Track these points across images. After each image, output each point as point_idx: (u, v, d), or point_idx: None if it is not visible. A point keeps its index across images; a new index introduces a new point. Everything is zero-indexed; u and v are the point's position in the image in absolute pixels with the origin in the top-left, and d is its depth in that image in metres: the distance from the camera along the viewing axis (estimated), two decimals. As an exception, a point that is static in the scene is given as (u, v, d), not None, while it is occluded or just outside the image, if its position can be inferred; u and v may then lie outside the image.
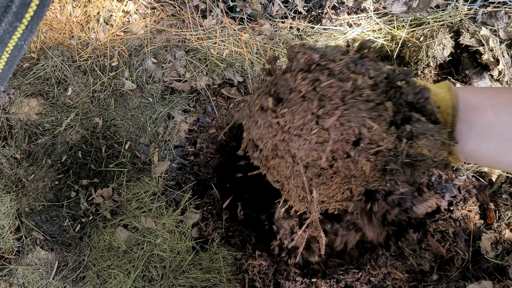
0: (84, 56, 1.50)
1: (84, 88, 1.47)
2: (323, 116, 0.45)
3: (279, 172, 0.53)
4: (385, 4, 1.49)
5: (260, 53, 1.50)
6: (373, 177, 0.49)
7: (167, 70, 1.48)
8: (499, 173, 1.30)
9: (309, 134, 0.46)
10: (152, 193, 1.35)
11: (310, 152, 0.47)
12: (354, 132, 0.45)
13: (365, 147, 0.46)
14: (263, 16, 1.55)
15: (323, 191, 0.51)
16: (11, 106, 1.46)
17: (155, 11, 1.57)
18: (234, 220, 1.43)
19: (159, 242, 1.29)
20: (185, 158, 1.43)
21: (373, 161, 0.47)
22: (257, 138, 0.51)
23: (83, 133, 1.42)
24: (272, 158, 0.51)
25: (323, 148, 0.46)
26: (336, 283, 1.19)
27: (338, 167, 0.48)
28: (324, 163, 0.47)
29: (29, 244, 1.33)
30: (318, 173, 0.49)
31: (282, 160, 0.50)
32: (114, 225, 1.32)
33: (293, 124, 0.46)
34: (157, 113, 1.43)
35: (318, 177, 0.49)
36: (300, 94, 0.46)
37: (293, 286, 1.19)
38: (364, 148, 0.46)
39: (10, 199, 1.37)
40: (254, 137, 0.52)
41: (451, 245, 1.18)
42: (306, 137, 0.46)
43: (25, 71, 1.49)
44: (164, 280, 1.24)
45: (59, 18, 1.54)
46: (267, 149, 0.51)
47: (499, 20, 1.41)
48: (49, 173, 1.38)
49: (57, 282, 1.28)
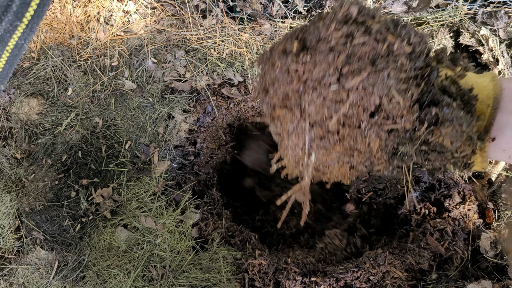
0: (84, 56, 1.50)
1: (84, 88, 1.47)
2: (346, 74, 0.41)
3: (282, 125, 0.49)
4: (385, 4, 1.49)
5: (260, 53, 1.50)
6: (380, 158, 0.45)
7: (167, 70, 1.48)
8: (499, 173, 1.30)
9: (326, 89, 0.42)
10: (152, 193, 1.35)
11: (322, 109, 0.43)
12: (375, 100, 0.41)
13: (380, 121, 0.42)
14: (263, 16, 1.55)
15: (321, 157, 0.47)
16: (11, 106, 1.46)
17: (155, 11, 1.57)
18: (234, 220, 1.43)
19: (159, 242, 1.29)
20: (185, 158, 1.44)
21: (384, 140, 0.43)
22: (271, 82, 0.48)
23: (83, 133, 1.42)
24: (280, 107, 0.48)
25: (337, 109, 0.42)
26: (335, 282, 1.19)
27: (344, 135, 0.44)
28: (332, 125, 0.43)
29: (29, 244, 1.33)
30: (322, 135, 0.45)
31: (289, 112, 0.47)
32: (114, 225, 1.32)
33: (312, 75, 0.42)
34: (157, 113, 1.43)
35: (321, 140, 0.45)
36: (328, 45, 0.42)
37: (293, 285, 1.19)
38: (378, 122, 0.42)
39: (10, 199, 1.37)
40: (268, 81, 0.49)
41: (450, 244, 1.18)
42: (322, 92, 0.42)
43: (25, 71, 1.50)
44: (164, 280, 1.24)
45: (59, 18, 1.54)
46: (277, 97, 0.47)
47: (499, 20, 1.41)
48: (49, 173, 1.38)
49: (57, 282, 1.29)
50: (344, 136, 0.44)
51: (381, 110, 0.42)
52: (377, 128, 0.42)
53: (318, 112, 0.43)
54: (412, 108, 0.41)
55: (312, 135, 0.45)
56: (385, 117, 0.42)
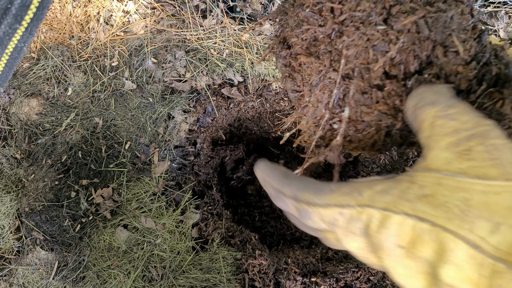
0: (84, 56, 1.50)
1: (84, 88, 1.47)
2: (397, 14, 0.35)
3: (304, 78, 0.42)
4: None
5: (260, 53, 1.50)
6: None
7: (167, 70, 1.48)
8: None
9: (371, 28, 0.36)
10: (152, 193, 1.35)
11: (365, 52, 0.37)
12: (428, 47, 0.35)
13: (430, 79, 0.36)
14: (263, 16, 1.55)
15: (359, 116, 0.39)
16: (11, 106, 1.46)
17: (155, 11, 1.57)
18: (234, 220, 1.43)
19: (159, 242, 1.29)
20: (185, 158, 1.44)
21: None
22: (295, 26, 0.41)
23: (83, 133, 1.42)
24: (305, 56, 0.41)
25: (384, 50, 0.36)
26: (335, 282, 1.19)
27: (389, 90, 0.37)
28: (378, 69, 0.36)
29: (29, 244, 1.33)
30: (364, 89, 0.37)
31: (316, 61, 0.40)
32: (114, 225, 1.32)
33: (353, 13, 0.36)
34: (157, 113, 1.43)
35: (362, 94, 0.38)
36: None
37: (293, 285, 1.19)
38: (428, 80, 0.36)
39: (10, 199, 1.37)
40: (291, 27, 0.42)
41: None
42: (367, 32, 0.36)
43: (25, 71, 1.50)
44: (164, 280, 1.24)
45: (59, 18, 1.54)
46: (301, 44, 0.41)
47: (499, 20, 1.41)
48: (49, 173, 1.38)
49: (57, 282, 1.29)
50: (389, 92, 0.38)
51: (433, 64, 0.36)
52: None
53: (359, 55, 0.37)
54: (469, 64, 0.36)
55: (351, 88, 0.38)
56: (435, 75, 0.36)
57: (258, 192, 1.63)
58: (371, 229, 0.26)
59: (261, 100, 1.48)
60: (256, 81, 1.47)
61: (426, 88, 0.33)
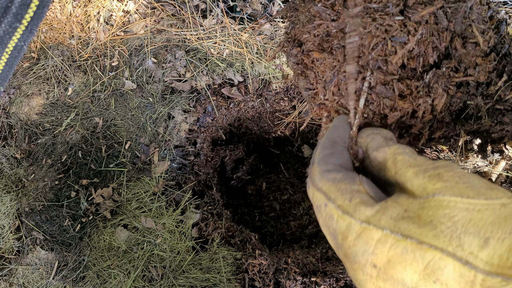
0: (84, 56, 1.50)
1: (84, 88, 1.47)
2: (414, 6, 0.34)
3: (317, 74, 0.41)
4: (385, 4, 1.49)
5: (260, 53, 1.50)
6: (440, 122, 0.38)
7: (167, 70, 1.48)
8: (499, 173, 1.30)
9: (389, 19, 0.34)
10: (152, 193, 1.35)
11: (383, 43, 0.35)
12: (446, 39, 0.34)
13: (448, 72, 0.35)
14: (263, 16, 1.55)
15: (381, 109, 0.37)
16: (11, 106, 1.46)
17: (155, 11, 1.57)
18: (234, 220, 1.43)
19: (159, 242, 1.29)
20: (185, 158, 1.44)
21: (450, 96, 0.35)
22: (307, 22, 0.40)
23: (83, 133, 1.42)
24: (317, 52, 0.40)
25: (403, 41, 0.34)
26: (335, 282, 1.19)
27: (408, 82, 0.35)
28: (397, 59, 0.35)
29: (29, 244, 1.33)
30: (385, 80, 0.36)
31: (329, 56, 0.39)
32: (114, 225, 1.32)
33: (368, 4, 0.35)
34: (157, 113, 1.43)
35: (384, 86, 0.36)
36: None
37: (293, 285, 1.19)
38: (446, 74, 0.35)
39: (10, 199, 1.37)
40: (302, 23, 0.41)
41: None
42: (383, 23, 0.35)
43: (25, 71, 1.49)
44: (164, 280, 1.24)
45: (59, 17, 1.54)
46: (313, 40, 0.40)
47: (499, 20, 1.41)
48: (49, 173, 1.38)
49: (57, 282, 1.29)
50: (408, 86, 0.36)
51: (451, 57, 0.35)
52: (445, 81, 0.35)
53: (376, 46, 0.35)
54: (488, 56, 0.34)
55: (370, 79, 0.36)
56: (453, 69, 0.35)
57: (258, 192, 1.63)
58: (347, 239, 0.26)
59: (261, 100, 1.48)
60: (256, 81, 1.47)
61: (376, 131, 0.33)
